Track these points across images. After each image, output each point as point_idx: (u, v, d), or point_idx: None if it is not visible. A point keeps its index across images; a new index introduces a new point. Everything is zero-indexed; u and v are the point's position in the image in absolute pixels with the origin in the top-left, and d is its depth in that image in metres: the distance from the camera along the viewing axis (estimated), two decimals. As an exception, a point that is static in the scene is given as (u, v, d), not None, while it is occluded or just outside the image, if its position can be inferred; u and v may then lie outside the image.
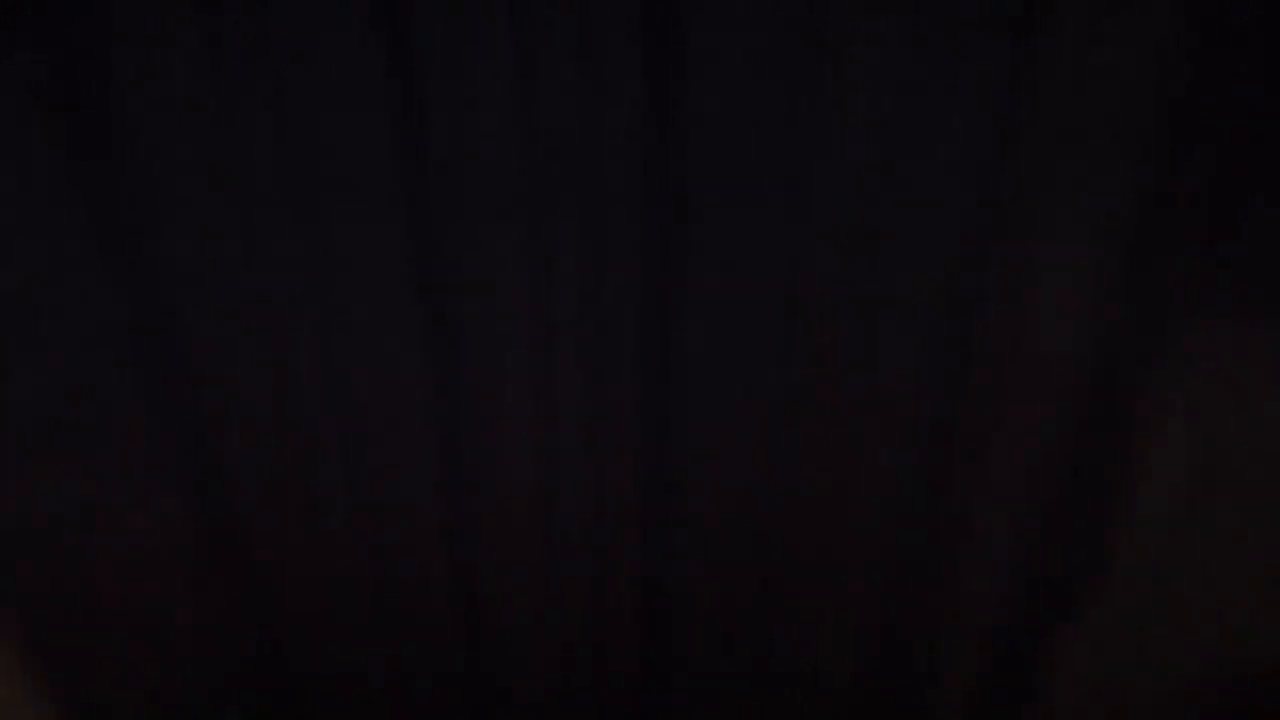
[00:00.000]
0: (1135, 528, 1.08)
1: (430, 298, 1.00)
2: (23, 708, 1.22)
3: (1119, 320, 0.97)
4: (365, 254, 0.97)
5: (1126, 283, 0.95)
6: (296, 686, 1.32)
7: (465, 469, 1.11)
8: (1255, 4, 0.80)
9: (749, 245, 0.95)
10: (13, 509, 1.09)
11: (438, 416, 1.07)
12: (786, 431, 1.07)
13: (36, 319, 0.99)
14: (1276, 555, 1.09)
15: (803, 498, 1.12)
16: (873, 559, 1.16)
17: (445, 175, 0.92)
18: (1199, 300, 0.93)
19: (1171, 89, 0.85)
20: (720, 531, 1.15)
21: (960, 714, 1.29)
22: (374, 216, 0.95)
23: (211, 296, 1.00)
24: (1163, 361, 0.97)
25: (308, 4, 0.84)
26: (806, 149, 0.90)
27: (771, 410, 1.06)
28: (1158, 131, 0.87)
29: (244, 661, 1.28)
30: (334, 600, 1.22)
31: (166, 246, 0.97)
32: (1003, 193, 0.91)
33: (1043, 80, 0.85)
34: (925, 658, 1.23)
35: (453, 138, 0.90)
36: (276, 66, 0.87)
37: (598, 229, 0.95)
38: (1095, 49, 0.83)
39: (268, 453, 1.10)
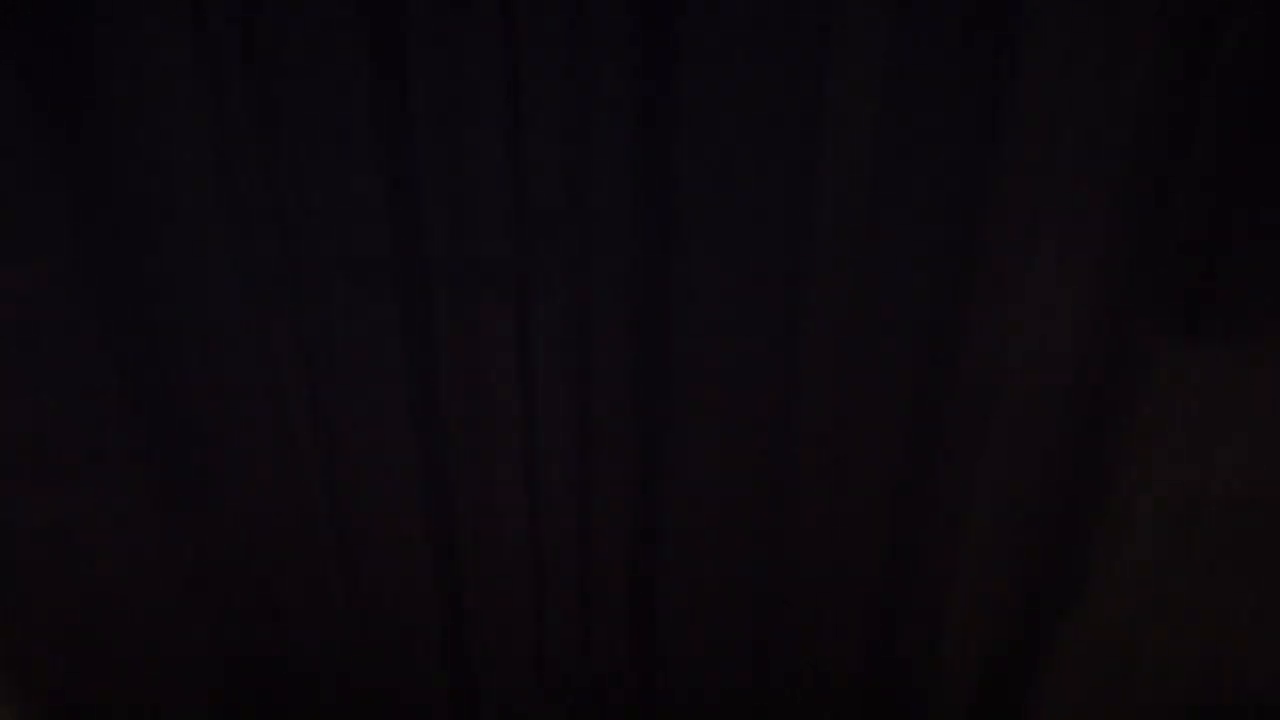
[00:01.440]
0: (1132, 535, 1.07)
1: (415, 310, 0.99)
2: (12, 709, 1.22)
3: (1114, 327, 0.96)
4: (353, 266, 0.97)
5: (1123, 288, 0.94)
6: (284, 694, 1.32)
7: (450, 478, 1.11)
8: (1253, 5, 0.80)
9: (738, 248, 0.95)
10: (7, 520, 1.09)
11: (422, 426, 1.07)
12: (778, 436, 1.07)
13: (27, 330, 0.98)
14: (1270, 568, 1.09)
15: (796, 503, 1.11)
16: (867, 564, 1.16)
17: (433, 187, 0.92)
18: (1196, 307, 0.93)
19: (1166, 90, 0.84)
20: (712, 537, 1.15)
21: (960, 717, 1.29)
22: (361, 225, 0.94)
23: (201, 308, 0.99)
24: (1160, 369, 0.97)
25: (298, 7, 0.84)
26: (800, 151, 0.90)
27: (763, 413, 1.05)
28: (1153, 137, 0.87)
29: (232, 670, 1.28)
30: (322, 608, 1.22)
31: (157, 259, 0.97)
32: (995, 195, 0.91)
33: (1035, 80, 0.85)
34: (922, 664, 1.23)
35: (442, 148, 0.90)
36: (268, 71, 0.87)
37: (587, 235, 0.95)
38: (1087, 49, 0.83)
39: (256, 466, 1.10)
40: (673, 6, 0.83)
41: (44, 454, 1.07)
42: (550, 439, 1.08)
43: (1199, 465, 1.03)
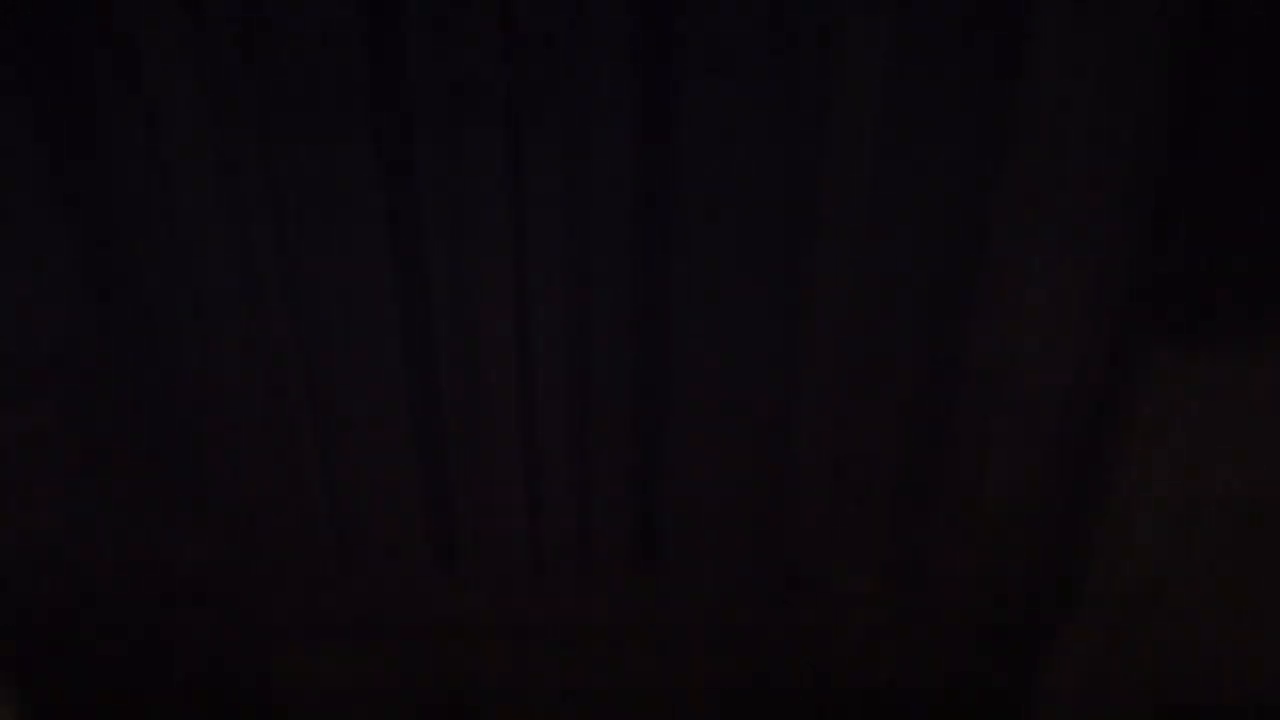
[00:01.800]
0: (1132, 535, 1.07)
1: (416, 310, 0.99)
2: (10, 709, 1.22)
3: (1115, 328, 0.96)
4: (354, 265, 0.97)
5: (1124, 288, 0.94)
6: (284, 695, 1.32)
7: (450, 478, 1.11)
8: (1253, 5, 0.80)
9: (739, 247, 0.95)
10: (11, 528, 1.09)
11: (422, 426, 1.07)
12: (779, 435, 1.07)
13: (27, 331, 0.98)
14: (1270, 568, 1.09)
15: (796, 502, 1.11)
16: (868, 564, 1.16)
17: (434, 182, 0.92)
18: (1196, 308, 0.93)
19: (1167, 90, 0.84)
20: (712, 537, 1.15)
21: (960, 718, 1.29)
22: (361, 226, 0.94)
23: (201, 308, 0.99)
24: (1160, 370, 0.97)
25: (298, 6, 0.84)
26: (801, 152, 0.90)
27: (764, 412, 1.05)
28: (1153, 137, 0.86)
29: (232, 671, 1.28)
30: (321, 608, 1.22)
31: (157, 259, 0.97)
32: (995, 196, 0.91)
33: (1036, 80, 0.84)
34: (922, 664, 1.23)
35: (442, 145, 0.90)
36: (268, 71, 0.87)
37: (587, 236, 0.95)
38: (1089, 50, 0.83)
39: (256, 465, 1.10)
40: (672, 6, 0.83)
41: (44, 455, 1.07)
42: (550, 439, 1.08)
43: (1199, 465, 1.03)
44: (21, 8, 0.84)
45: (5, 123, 0.88)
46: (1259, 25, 0.80)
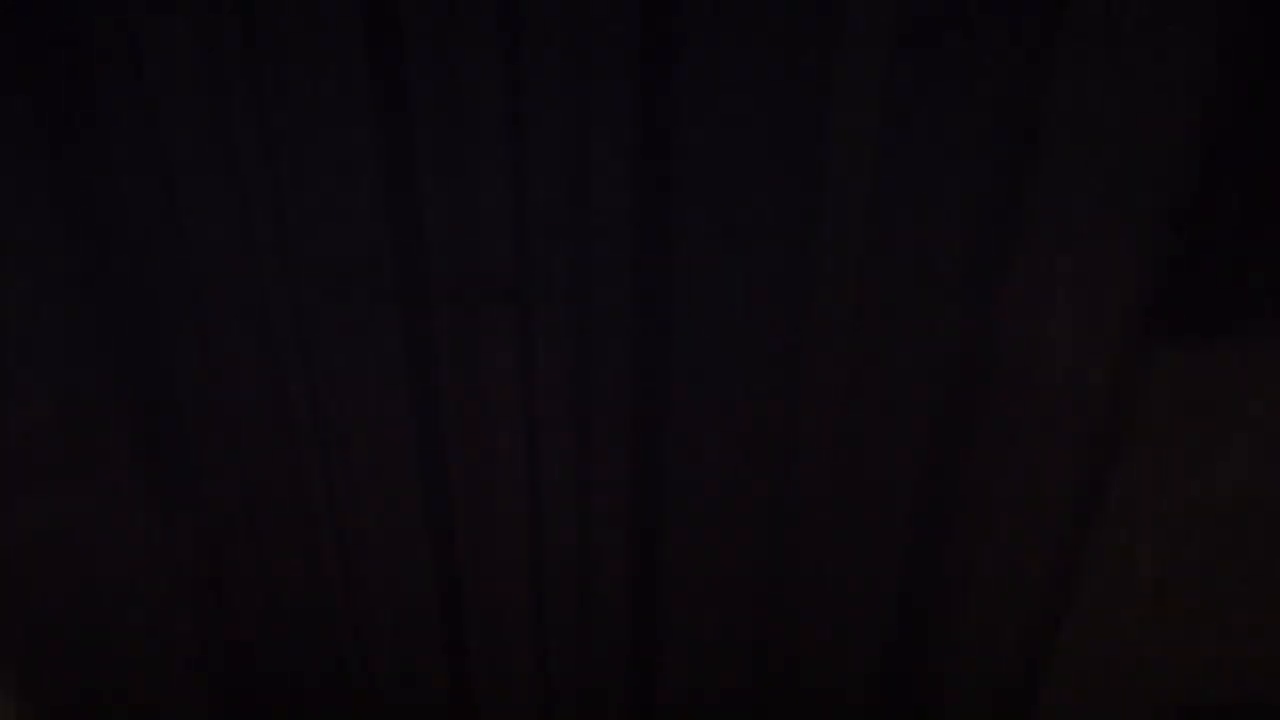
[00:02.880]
0: (1132, 536, 1.07)
1: (416, 310, 0.99)
2: (9, 709, 1.22)
3: (1116, 330, 0.96)
4: (354, 265, 0.97)
5: (1125, 291, 0.94)
6: (283, 694, 1.32)
7: (450, 478, 1.11)
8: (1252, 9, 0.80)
9: (741, 250, 0.95)
10: (7, 520, 1.09)
11: (423, 426, 1.07)
12: (780, 439, 1.07)
13: (27, 331, 0.98)
14: (1270, 569, 1.09)
15: (797, 505, 1.11)
16: (867, 565, 1.16)
17: (433, 188, 0.92)
18: (1197, 311, 0.93)
19: (1170, 96, 0.84)
20: (713, 537, 1.15)
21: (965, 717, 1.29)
22: (362, 225, 0.94)
23: (201, 308, 0.99)
24: (1161, 372, 0.97)
25: (298, 6, 0.84)
26: (807, 153, 0.90)
27: (765, 415, 1.05)
28: (1158, 143, 0.86)
29: (231, 670, 1.28)
30: (321, 608, 1.22)
31: (156, 260, 0.97)
32: (994, 200, 0.91)
33: (1057, 99, 0.85)
34: (920, 666, 1.23)
35: (443, 149, 0.90)
36: (268, 69, 0.87)
37: (587, 238, 0.95)
38: (1116, 62, 0.83)
39: (255, 466, 1.10)
40: (671, 6, 0.83)
41: (44, 454, 1.07)
42: (550, 439, 1.08)
43: (1200, 467, 1.03)
44: (25, 6, 0.84)
45: (6, 120, 0.89)
46: (1256, 28, 0.80)
